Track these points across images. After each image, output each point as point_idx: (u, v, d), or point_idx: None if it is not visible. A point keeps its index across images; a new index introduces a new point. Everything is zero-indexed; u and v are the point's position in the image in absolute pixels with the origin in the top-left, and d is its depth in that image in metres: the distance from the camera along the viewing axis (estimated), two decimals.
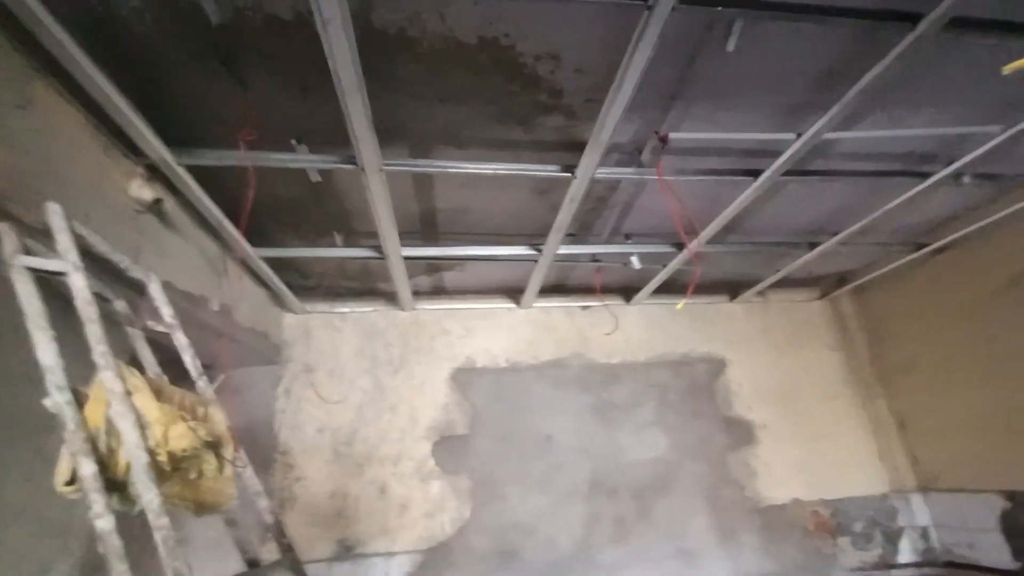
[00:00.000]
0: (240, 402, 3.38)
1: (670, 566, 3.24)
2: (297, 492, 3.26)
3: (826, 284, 4.16)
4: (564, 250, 2.97)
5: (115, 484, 1.29)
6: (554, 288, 3.83)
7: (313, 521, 3.22)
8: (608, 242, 3.10)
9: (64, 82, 1.50)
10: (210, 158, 1.98)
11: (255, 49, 1.64)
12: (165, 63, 1.65)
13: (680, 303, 3.74)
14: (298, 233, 2.82)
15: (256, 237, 2.61)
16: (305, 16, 1.52)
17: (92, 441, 1.25)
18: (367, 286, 3.63)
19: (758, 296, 4.04)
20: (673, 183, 2.37)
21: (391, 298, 3.65)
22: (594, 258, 3.25)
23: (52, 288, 1.34)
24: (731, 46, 1.67)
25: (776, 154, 2.15)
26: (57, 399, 1.21)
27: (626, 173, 2.30)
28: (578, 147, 2.06)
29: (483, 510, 3.28)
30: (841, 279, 4.03)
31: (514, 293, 3.82)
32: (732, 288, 4.04)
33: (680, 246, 3.01)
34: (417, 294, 3.69)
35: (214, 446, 1.65)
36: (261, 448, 3.31)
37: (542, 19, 1.60)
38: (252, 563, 1.69)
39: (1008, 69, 1.59)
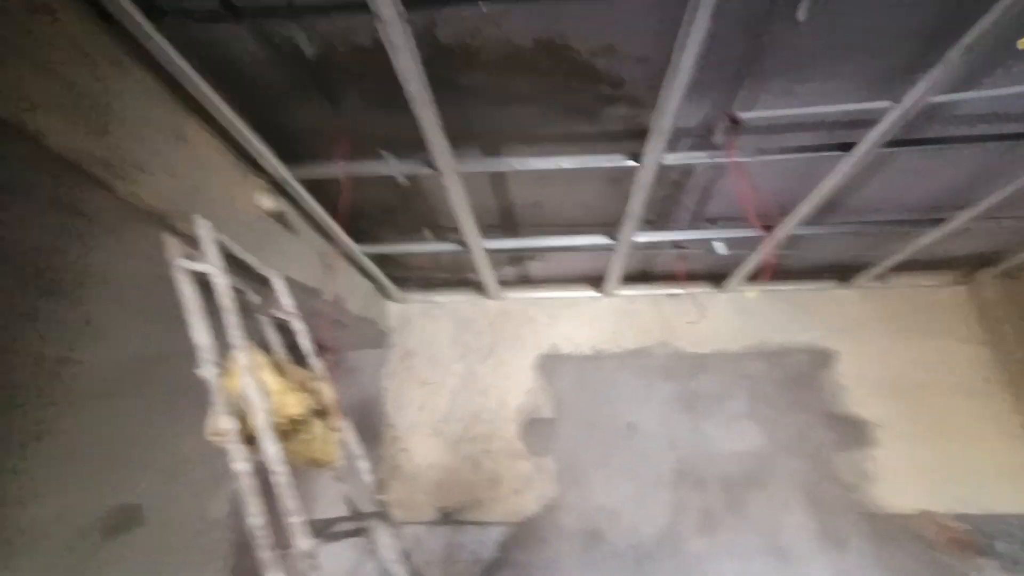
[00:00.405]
0: (354, 380, 3.86)
1: (762, 562, 3.09)
2: (402, 462, 3.66)
3: (963, 266, 3.57)
4: (642, 238, 2.95)
5: (249, 437, 1.63)
6: (638, 276, 3.79)
7: (416, 488, 3.59)
8: (690, 228, 3.00)
9: (205, 118, 1.89)
10: (317, 171, 2.32)
11: (343, 74, 1.90)
12: (274, 93, 1.98)
13: (753, 292, 3.49)
14: (396, 231, 3.14)
15: (360, 236, 2.98)
16: (381, 41, 1.73)
17: (232, 403, 1.60)
18: (458, 276, 3.90)
19: (876, 281, 3.61)
20: (754, 164, 2.25)
21: (480, 288, 3.89)
22: (675, 245, 3.16)
23: (201, 283, 1.72)
24: (802, 15, 1.57)
25: (872, 124, 1.94)
26: (207, 371, 1.57)
27: (698, 158, 2.23)
28: (646, 135, 2.06)
29: (569, 491, 3.40)
30: (983, 260, 3.43)
31: (597, 282, 3.85)
32: (842, 272, 3.65)
33: (771, 229, 2.82)
34: (505, 283, 3.89)
35: (322, 414, 1.97)
36: (372, 421, 3.76)
37: (592, 15, 1.64)
38: (354, 512, 2.00)
39: None
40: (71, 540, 1.37)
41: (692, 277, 3.66)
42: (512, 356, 3.82)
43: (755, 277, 3.41)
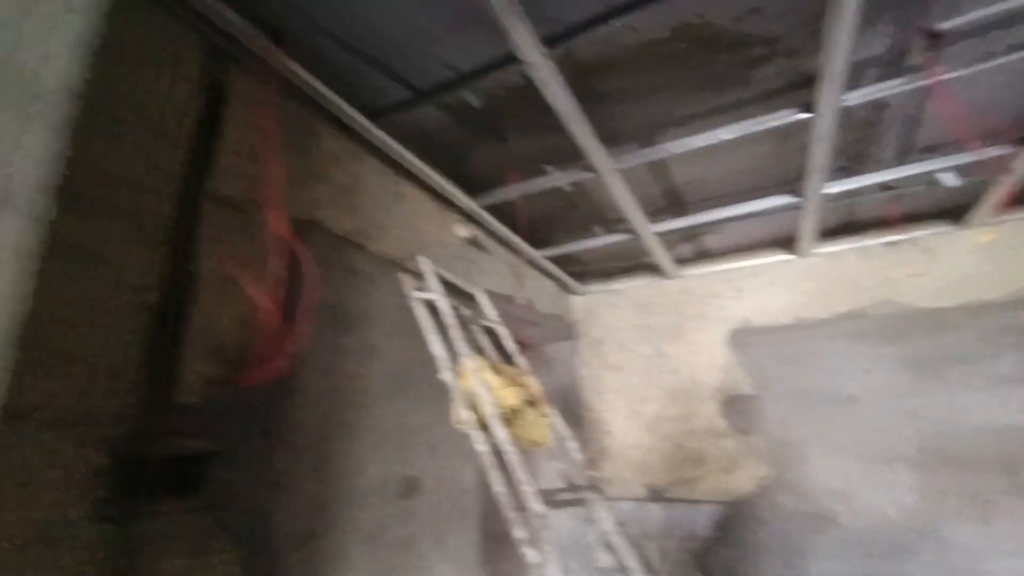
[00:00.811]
0: (552, 371, 4.26)
1: None
2: (607, 443, 3.92)
3: None
4: (835, 188, 2.64)
5: (483, 424, 2.04)
6: (840, 229, 3.34)
7: (623, 467, 3.82)
8: (900, 164, 2.57)
9: (412, 178, 2.40)
10: (497, 197, 2.70)
11: (504, 112, 2.20)
12: (456, 143, 2.40)
13: (987, 235, 2.73)
14: (568, 232, 3.40)
15: (539, 242, 3.33)
16: (531, 79, 1.98)
17: (467, 398, 2.03)
18: (633, 262, 3.99)
19: None
20: (970, 77, 1.86)
21: (656, 270, 3.91)
22: (884, 186, 2.73)
23: (430, 306, 2.21)
24: None
25: None
26: (445, 375, 2.03)
27: (890, 88, 1.94)
28: (814, 82, 1.90)
29: (785, 470, 3.22)
30: None
31: (788, 243, 3.51)
32: None
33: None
34: (682, 261, 3.84)
35: (533, 403, 2.32)
36: (573, 407, 4.11)
37: None
38: (571, 486, 2.31)
39: None
40: (384, 499, 1.96)
41: (912, 219, 3.08)
42: (700, 334, 3.75)
43: (1010, 204, 2.72)
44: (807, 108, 2.03)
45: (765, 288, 3.57)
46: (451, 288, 2.49)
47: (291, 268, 1.50)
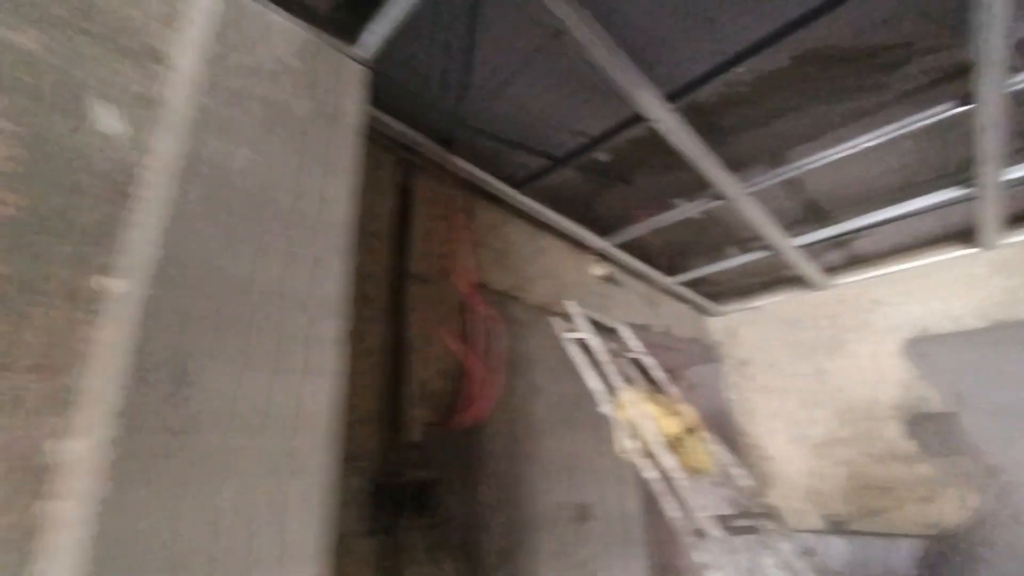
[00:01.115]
0: (700, 396, 4.17)
1: None
2: (770, 470, 3.71)
3: None
4: (1019, 172, 2.35)
5: (647, 453, 2.16)
6: None
7: (792, 495, 3.57)
8: None
9: (550, 230, 2.68)
10: (629, 235, 2.87)
11: (630, 161, 2.39)
12: (588, 193, 2.63)
13: None
14: (700, 256, 3.42)
15: (671, 270, 3.40)
16: (654, 129, 2.14)
17: (628, 428, 2.17)
18: (773, 276, 3.82)
19: None
20: None
21: (801, 282, 3.69)
22: None
23: (580, 345, 2.42)
24: None
25: None
26: (605, 408, 2.20)
27: None
28: (967, 72, 1.80)
29: (1004, 500, 2.76)
30: None
31: (965, 236, 3.11)
32: None
33: None
34: (831, 270, 3.59)
35: (691, 430, 2.38)
36: (726, 431, 3.96)
37: (850, 11, 1.64)
38: (743, 513, 2.29)
39: None
40: (562, 523, 2.15)
41: None
42: (865, 346, 3.43)
43: None
44: (964, 99, 1.91)
45: (941, 289, 3.18)
46: (594, 324, 2.68)
47: (480, 325, 1.82)
